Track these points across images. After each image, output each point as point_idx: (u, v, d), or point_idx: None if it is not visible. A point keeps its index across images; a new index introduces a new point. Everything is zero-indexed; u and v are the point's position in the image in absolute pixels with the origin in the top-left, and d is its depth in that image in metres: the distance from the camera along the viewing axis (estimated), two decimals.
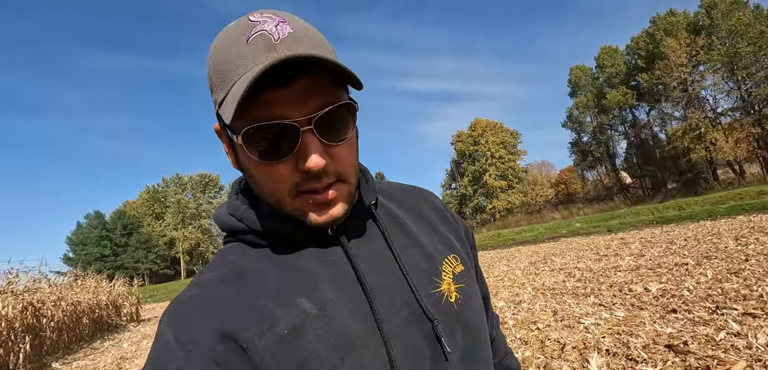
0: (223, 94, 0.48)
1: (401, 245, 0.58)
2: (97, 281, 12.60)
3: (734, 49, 29.53)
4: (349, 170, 0.52)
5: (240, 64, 0.46)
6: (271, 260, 0.53)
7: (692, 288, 4.60)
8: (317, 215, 0.50)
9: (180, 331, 0.45)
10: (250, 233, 0.54)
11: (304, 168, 0.47)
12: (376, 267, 0.54)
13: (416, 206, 0.68)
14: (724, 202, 21.37)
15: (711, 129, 31.12)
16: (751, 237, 8.68)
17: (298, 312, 0.48)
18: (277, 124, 0.45)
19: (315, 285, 0.50)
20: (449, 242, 0.65)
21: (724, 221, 14.33)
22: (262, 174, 0.49)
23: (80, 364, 7.02)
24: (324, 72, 0.47)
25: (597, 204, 40.00)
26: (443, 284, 0.57)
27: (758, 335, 2.64)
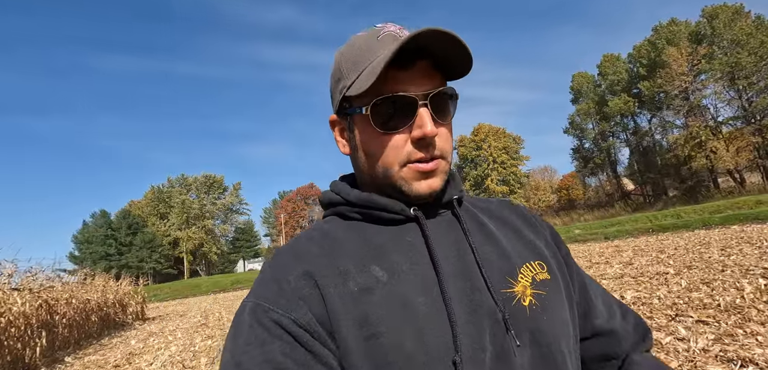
0: (353, 77, 0.58)
1: (479, 241, 0.61)
2: (105, 280, 13.04)
3: (735, 59, 29.71)
4: (449, 150, 0.61)
5: (373, 53, 0.57)
6: (355, 231, 0.60)
7: (662, 297, 4.93)
8: (420, 183, 0.58)
9: (275, 269, 0.56)
10: (343, 205, 0.63)
11: (419, 135, 0.56)
12: (451, 255, 0.58)
13: (500, 213, 0.71)
14: (721, 211, 21.57)
15: (712, 138, 31.28)
16: (737, 248, 8.96)
17: (370, 276, 0.54)
18: (400, 96, 0.56)
19: (389, 257, 0.56)
20: (536, 248, 0.66)
21: (717, 231, 14.58)
22: (380, 145, 0.58)
23: (91, 359, 7.43)
24: (434, 63, 0.59)
25: (598, 210, 40.18)
26: (518, 286, 0.58)
27: (699, 340, 2.98)
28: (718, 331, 3.22)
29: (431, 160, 0.57)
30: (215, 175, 64.85)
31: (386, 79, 0.55)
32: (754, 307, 3.77)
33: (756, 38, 29.08)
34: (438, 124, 0.58)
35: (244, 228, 65.62)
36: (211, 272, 59.34)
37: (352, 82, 0.58)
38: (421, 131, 0.55)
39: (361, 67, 0.57)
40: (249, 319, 0.51)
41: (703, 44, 32.10)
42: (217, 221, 63.85)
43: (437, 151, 0.58)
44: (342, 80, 0.61)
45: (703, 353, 2.77)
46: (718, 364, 2.53)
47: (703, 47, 31.67)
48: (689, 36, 33.63)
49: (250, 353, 0.48)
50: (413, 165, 0.57)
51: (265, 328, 0.50)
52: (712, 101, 32.56)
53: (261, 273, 0.57)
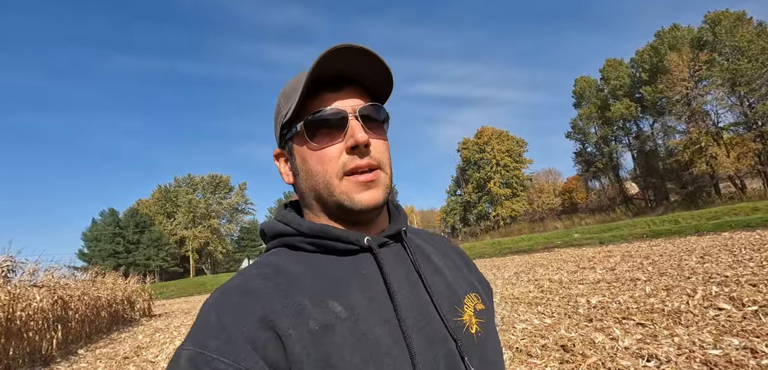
0: (287, 107, 0.62)
1: (427, 272, 0.63)
2: (114, 278, 13.69)
3: (736, 66, 29.82)
4: (386, 161, 0.62)
5: (303, 81, 0.58)
6: (307, 264, 0.58)
7: (622, 302, 5.37)
8: (361, 195, 0.59)
9: (222, 312, 0.49)
10: (292, 235, 0.62)
11: (352, 143, 0.58)
12: (405, 286, 0.59)
13: (442, 247, 0.75)
14: (718, 217, 21.76)
15: (712, 143, 31.38)
16: (716, 255, 9.33)
17: (329, 312, 0.52)
18: (331, 109, 0.59)
19: (346, 291, 0.55)
20: (471, 282, 0.70)
21: (707, 238, 14.87)
22: (317, 159, 0.60)
23: (102, 352, 8.01)
24: (363, 89, 0.64)
25: (599, 214, 40.31)
26: (465, 315, 0.61)
27: (626, 340, 3.44)
28: (647, 332, 3.68)
29: (370, 172, 0.59)
30: (221, 176, 65.85)
31: (319, 100, 0.60)
32: (691, 312, 4.22)
33: (757, 45, 29.15)
34: (371, 137, 0.60)
35: (249, 228, 66.50)
36: (216, 271, 60.28)
37: (287, 111, 0.62)
38: (353, 139, 0.58)
39: (295, 96, 0.60)
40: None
41: (705, 50, 32.18)
42: (222, 220, 64.82)
43: (374, 160, 0.60)
44: (280, 112, 0.64)
45: (624, 351, 3.23)
46: (629, 359, 3.00)
47: (704, 53, 31.76)
48: (692, 42, 33.73)
49: None
50: (352, 177, 0.59)
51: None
52: (713, 107, 32.65)
53: (202, 315, 0.51)
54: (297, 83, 0.61)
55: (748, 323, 3.54)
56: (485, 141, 51.83)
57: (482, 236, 46.29)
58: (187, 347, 0.47)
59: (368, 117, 0.61)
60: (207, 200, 63.18)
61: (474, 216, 51.44)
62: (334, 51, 0.55)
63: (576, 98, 44.78)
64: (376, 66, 0.60)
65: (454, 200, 55.39)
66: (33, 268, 7.79)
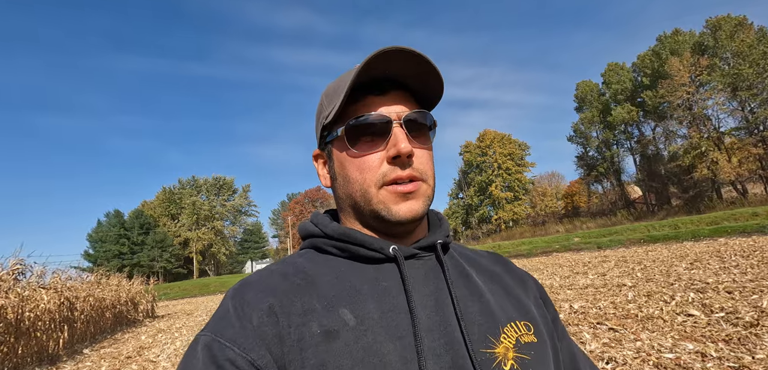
0: (330, 108, 0.59)
1: (462, 294, 0.57)
2: (118, 279, 14.04)
3: (737, 71, 29.86)
4: (430, 173, 0.60)
5: (348, 81, 0.56)
6: (329, 268, 0.57)
7: (601, 307, 5.59)
8: (399, 206, 0.56)
9: (239, 303, 0.52)
10: (321, 237, 0.61)
11: (394, 153, 0.55)
12: (429, 304, 0.54)
13: (490, 267, 0.67)
14: (718, 222, 21.83)
15: (713, 148, 31.39)
16: (705, 261, 9.49)
17: (337, 319, 0.50)
18: (375, 114, 0.57)
19: (362, 301, 0.53)
20: (524, 307, 0.61)
21: (703, 244, 15.01)
22: (356, 166, 0.58)
23: (106, 351, 8.30)
24: (411, 92, 0.61)
25: (601, 218, 40.33)
26: (500, 347, 0.53)
27: (593, 344, 3.67)
28: (615, 336, 3.91)
29: (410, 182, 0.56)
30: (225, 177, 66.43)
31: (362, 104, 0.58)
32: (662, 318, 4.44)
33: (758, 50, 29.19)
34: (415, 145, 0.58)
35: (252, 230, 66.98)
36: (219, 272, 60.75)
37: (329, 112, 0.59)
38: (396, 149, 0.55)
39: (338, 96, 0.57)
40: (202, 356, 0.48)
41: (706, 55, 32.24)
42: (226, 222, 65.34)
43: (416, 171, 0.57)
44: (322, 112, 0.62)
45: (588, 354, 3.46)
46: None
47: (704, 58, 31.82)
48: (693, 47, 33.79)
49: None
50: (391, 186, 0.56)
51: (219, 368, 0.46)
52: (715, 111, 32.67)
53: (222, 305, 0.54)
54: (341, 84, 0.59)
55: (710, 329, 3.76)
56: (487, 144, 51.99)
57: (484, 239, 46.43)
58: (205, 333, 0.50)
59: (414, 124, 0.59)
60: (211, 201, 63.74)
61: (476, 219, 51.57)
62: (382, 54, 0.53)
63: (578, 102, 44.87)
64: (427, 69, 0.57)
65: (456, 203, 55.54)
66: (41, 270, 8.12)
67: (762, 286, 5.57)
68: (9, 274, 6.80)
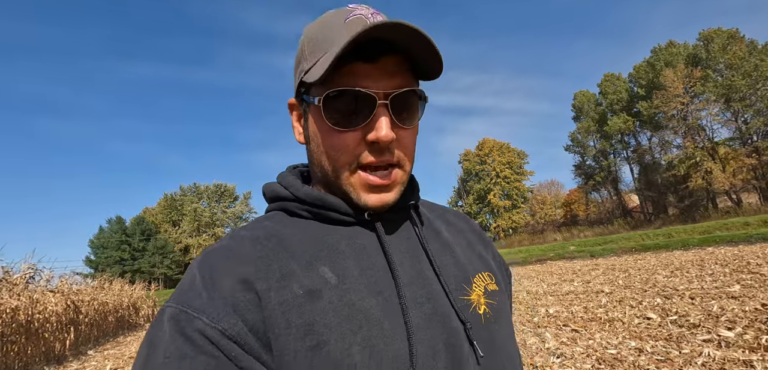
0: (312, 62, 0.53)
1: (435, 248, 0.59)
2: (121, 285, 14.45)
3: (729, 82, 30.38)
4: (408, 158, 0.56)
5: (335, 37, 0.51)
6: (302, 230, 0.55)
7: (573, 312, 5.99)
8: (369, 195, 0.54)
9: (207, 273, 0.48)
10: (292, 200, 0.58)
11: (373, 138, 0.51)
12: (405, 261, 0.55)
13: (455, 223, 0.70)
14: (710, 231, 22.18)
15: (708, 158, 31.81)
16: (685, 270, 9.87)
17: (318, 278, 0.49)
18: (358, 91, 0.50)
19: (340, 259, 0.52)
20: (486, 261, 0.65)
21: (691, 253, 15.36)
22: (330, 142, 0.54)
23: (110, 352, 8.70)
24: (405, 58, 0.53)
25: (598, 227, 40.67)
26: (473, 294, 0.56)
27: (551, 342, 4.08)
28: (573, 337, 4.31)
29: (386, 170, 0.54)
30: (226, 184, 66.97)
31: (347, 72, 0.51)
32: (621, 320, 4.85)
33: (749, 62, 29.71)
34: (398, 128, 0.53)
35: None
36: None
37: (311, 67, 0.54)
38: (376, 135, 0.51)
39: (322, 50, 0.53)
40: (169, 328, 0.45)
41: (699, 67, 32.80)
42: (227, 228, 65.74)
43: (394, 158, 0.54)
44: (302, 62, 0.57)
45: (545, 351, 3.87)
46: (544, 356, 3.64)
47: (698, 70, 32.37)
48: (687, 58, 34.36)
49: (168, 369, 0.42)
50: (364, 174, 0.53)
51: (187, 339, 0.43)
52: (709, 122, 33.14)
53: (187, 275, 0.51)
54: (326, 31, 0.54)
55: (657, 330, 4.17)
56: (486, 153, 52.47)
57: None
58: (170, 305, 0.47)
59: (401, 102, 0.53)
60: (212, 208, 64.24)
61: None
62: (374, 28, 0.47)
63: (575, 112, 45.42)
64: (424, 45, 0.51)
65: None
66: (49, 275, 8.55)
67: (723, 292, 5.97)
68: (21, 278, 7.24)
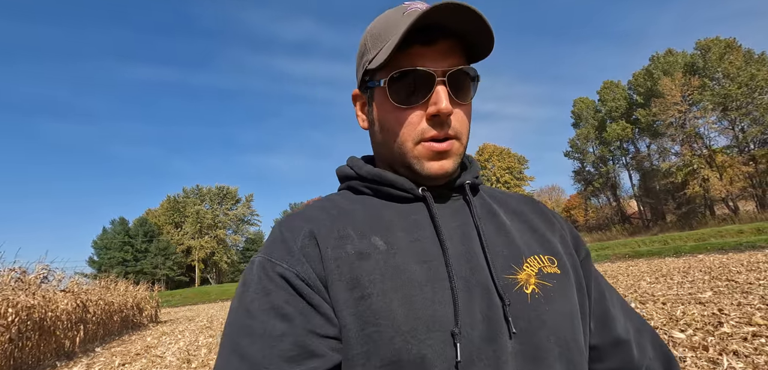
0: (375, 51, 0.60)
1: (488, 229, 0.60)
2: (126, 285, 14.90)
3: (726, 91, 30.72)
4: (465, 131, 0.60)
5: (397, 27, 0.56)
6: (362, 204, 0.62)
7: None
8: (431, 163, 0.58)
9: (284, 230, 0.59)
10: (355, 179, 0.66)
11: (434, 111, 0.56)
12: (456, 238, 0.58)
13: (517, 207, 0.69)
14: (705, 239, 22.46)
15: (705, 166, 32.12)
16: (669, 277, 10.24)
17: (369, 244, 0.56)
18: (418, 70, 0.56)
19: (393, 231, 0.58)
20: (549, 243, 0.63)
21: (681, 260, 15.68)
22: (395, 119, 0.59)
23: (117, 350, 9.12)
24: (459, 41, 0.59)
25: (597, 233, 40.95)
26: (522, 274, 0.56)
27: None
28: None
29: (445, 141, 0.58)
30: (228, 187, 67.55)
31: (408, 54, 0.57)
32: None
33: (746, 71, 30.05)
34: (455, 104, 0.58)
35: (254, 239, 67.82)
36: (221, 281, 61.52)
37: (374, 56, 0.60)
38: (436, 108, 0.56)
39: (384, 41, 0.58)
40: (257, 272, 0.56)
41: (696, 76, 33.16)
42: (228, 231, 66.29)
43: (452, 131, 0.58)
44: (365, 54, 0.63)
45: None
46: None
47: (696, 79, 32.73)
48: (685, 67, 34.72)
49: (257, 301, 0.53)
50: (427, 143, 0.58)
51: (270, 280, 0.54)
52: (706, 130, 33.46)
53: (271, 233, 0.61)
54: (388, 26, 0.59)
55: None
56: (486, 158, 52.84)
57: None
58: (259, 255, 0.58)
59: (457, 80, 0.58)
60: (214, 210, 64.79)
61: None
62: (434, 9, 0.52)
63: (574, 118, 45.79)
64: (479, 26, 0.56)
65: None
66: (61, 276, 8.98)
67: (694, 298, 6.35)
68: (35, 278, 7.68)
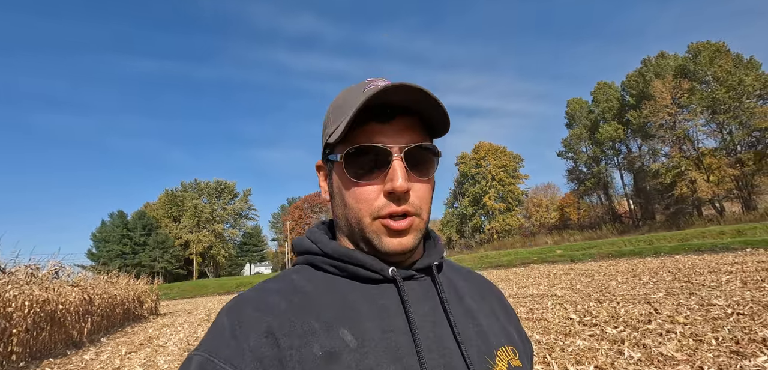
0: (334, 126, 0.59)
1: (458, 313, 0.59)
2: (127, 279, 15.55)
3: (715, 94, 31.44)
4: (425, 207, 0.59)
5: (354, 103, 0.55)
6: (326, 286, 0.58)
7: (518, 313, 7.08)
8: (390, 240, 0.56)
9: (235, 322, 0.51)
10: (319, 255, 0.61)
11: (390, 188, 0.55)
12: (427, 326, 0.55)
13: (480, 288, 0.69)
14: (688, 239, 23.21)
15: (692, 167, 32.89)
16: (638, 277, 10.93)
17: (338, 340, 0.50)
18: (375, 146, 0.55)
19: (361, 321, 0.53)
20: (509, 334, 0.64)
21: (658, 260, 16.42)
22: (352, 194, 0.57)
23: (120, 340, 9.78)
24: (419, 119, 0.59)
25: (588, 231, 41.76)
26: (496, 369, 0.56)
27: None
28: None
29: (404, 218, 0.56)
30: (226, 181, 68.07)
31: (365, 131, 0.57)
32: (545, 319, 5.93)
33: (735, 76, 30.74)
34: (414, 180, 0.57)
35: (251, 233, 68.46)
36: (218, 274, 62.22)
37: (334, 130, 0.59)
38: (392, 185, 0.54)
39: (344, 115, 0.57)
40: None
41: (687, 79, 33.86)
42: (226, 225, 66.89)
43: (410, 206, 0.56)
44: (327, 127, 0.62)
45: None
46: None
47: (686, 82, 33.42)
48: (676, 70, 35.40)
49: None
50: (384, 220, 0.56)
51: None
52: (694, 132, 34.21)
53: (217, 321, 0.54)
54: (347, 100, 0.59)
55: (567, 328, 5.24)
56: (482, 156, 53.51)
57: (477, 248, 47.84)
58: (199, 352, 0.50)
59: (415, 156, 0.57)
60: (212, 204, 65.32)
61: (469, 228, 53.00)
62: (383, 91, 0.53)
63: (568, 118, 46.47)
64: (432, 103, 0.56)
65: (452, 212, 56.98)
66: (69, 270, 9.63)
67: (646, 297, 7.04)
68: (47, 274, 8.32)
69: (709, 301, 6.01)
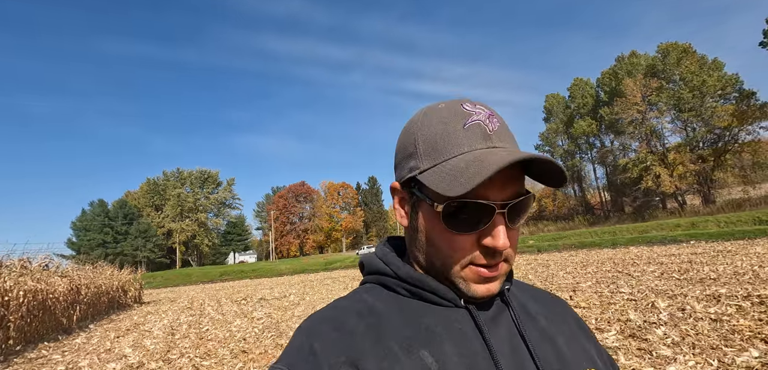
0: (427, 164, 0.54)
1: (534, 336, 0.57)
2: (111, 269, 16.13)
3: (680, 93, 33.21)
4: (514, 252, 0.56)
5: (456, 145, 0.52)
6: (400, 308, 0.56)
7: None
8: (478, 286, 0.54)
9: (314, 341, 0.51)
10: (392, 277, 0.60)
11: (491, 245, 0.51)
12: (506, 351, 0.54)
13: (553, 308, 0.67)
14: (647, 231, 24.86)
15: (657, 163, 34.77)
16: (584, 267, 12.12)
17: (419, 363, 0.49)
18: (479, 203, 0.51)
19: (438, 343, 0.52)
20: (591, 356, 0.61)
21: (612, 251, 17.82)
22: (445, 241, 0.54)
23: (107, 327, 10.49)
24: (520, 170, 0.54)
25: (562, 222, 43.65)
26: None
27: None
28: None
29: (497, 267, 0.54)
30: (210, 171, 67.84)
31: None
32: None
33: (699, 76, 32.51)
34: (510, 231, 0.54)
35: (235, 222, 68.63)
36: (202, 263, 62.41)
37: (427, 169, 0.55)
38: (493, 243, 0.52)
39: (440, 158, 0.54)
40: None
41: (655, 78, 35.57)
42: (210, 214, 66.87)
43: (503, 256, 0.54)
44: (414, 158, 0.57)
45: None
46: None
47: (655, 81, 35.11)
48: (646, 69, 37.07)
49: None
50: (476, 268, 0.54)
51: None
52: (661, 129, 36.07)
53: (295, 338, 0.54)
54: (446, 138, 0.54)
55: None
56: None
57: None
58: (278, 366, 0.50)
59: (515, 209, 0.54)
60: (195, 194, 65.15)
61: None
62: (517, 163, 0.50)
63: (546, 113, 48.02)
64: (556, 170, 0.52)
65: None
66: (58, 263, 10.24)
67: (573, 286, 8.15)
68: (39, 266, 8.96)
69: (619, 289, 7.13)
